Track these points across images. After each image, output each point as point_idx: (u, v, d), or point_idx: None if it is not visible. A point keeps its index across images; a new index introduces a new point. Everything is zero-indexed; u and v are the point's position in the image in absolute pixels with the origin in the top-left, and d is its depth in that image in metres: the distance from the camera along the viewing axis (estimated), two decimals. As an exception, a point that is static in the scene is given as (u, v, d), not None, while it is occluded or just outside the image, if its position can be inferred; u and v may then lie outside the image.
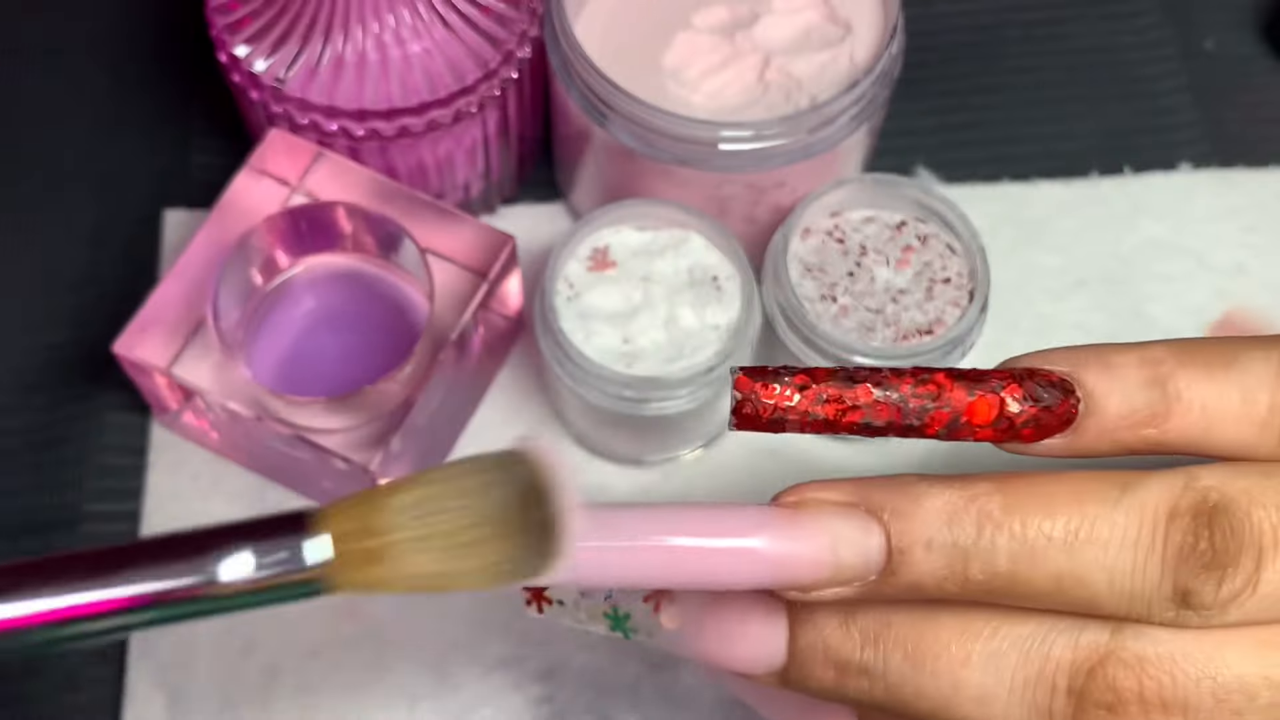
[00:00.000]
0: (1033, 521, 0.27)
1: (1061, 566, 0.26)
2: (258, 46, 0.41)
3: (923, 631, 0.28)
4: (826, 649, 0.28)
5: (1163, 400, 0.27)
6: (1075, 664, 0.27)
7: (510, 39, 0.42)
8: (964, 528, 0.27)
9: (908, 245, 0.42)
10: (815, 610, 0.28)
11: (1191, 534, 0.26)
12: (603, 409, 0.40)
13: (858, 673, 0.28)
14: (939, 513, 0.27)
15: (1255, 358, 0.28)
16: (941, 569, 0.27)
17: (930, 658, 0.27)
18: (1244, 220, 0.49)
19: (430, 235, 0.41)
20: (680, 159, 0.41)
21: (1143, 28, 0.53)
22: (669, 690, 0.41)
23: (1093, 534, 0.26)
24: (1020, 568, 0.26)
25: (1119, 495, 0.27)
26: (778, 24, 0.43)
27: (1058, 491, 0.27)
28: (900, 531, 0.27)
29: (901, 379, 0.27)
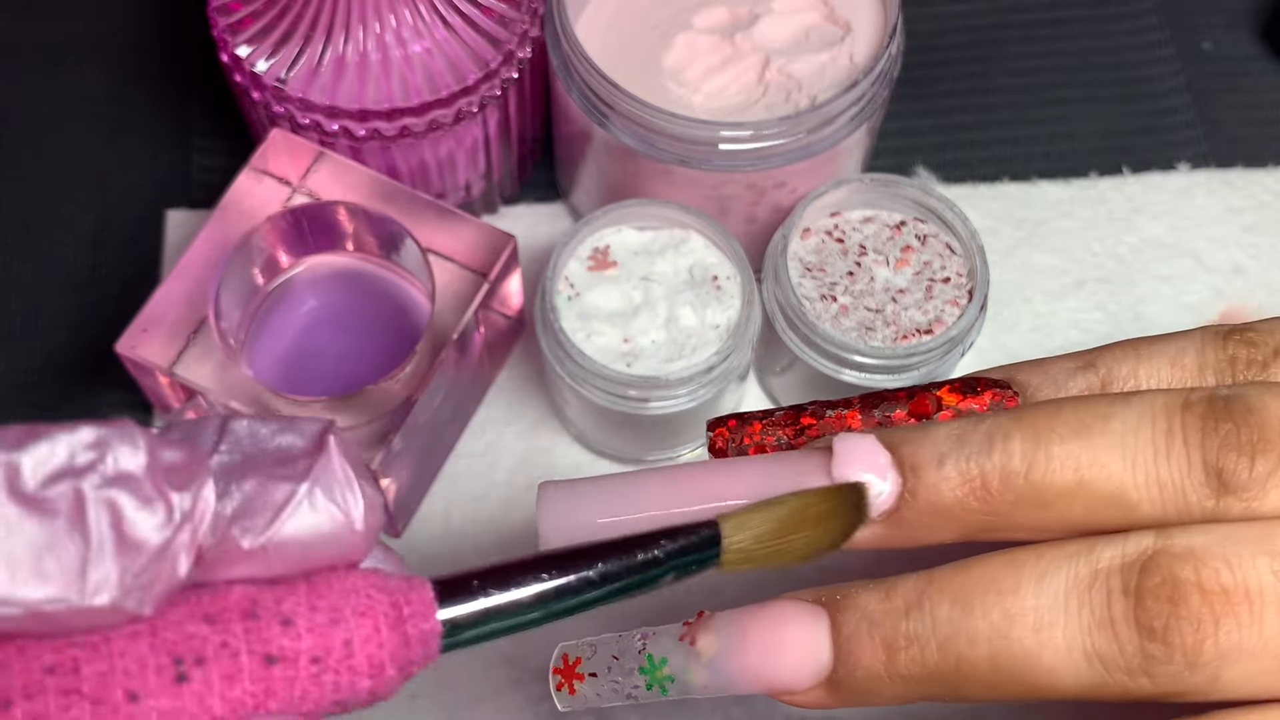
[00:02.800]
0: (1042, 424, 0.27)
1: (1080, 459, 0.26)
2: (259, 47, 0.41)
3: (967, 575, 0.27)
4: (871, 627, 0.27)
5: (1096, 380, 0.28)
6: (1126, 566, 0.26)
7: (511, 39, 0.42)
8: (974, 442, 0.27)
9: (907, 245, 0.42)
10: (855, 594, 0.28)
11: (1211, 418, 0.26)
12: (603, 408, 0.40)
13: (907, 643, 0.27)
14: (948, 433, 0.27)
15: (1175, 336, 0.29)
16: (958, 483, 0.27)
17: (978, 595, 0.27)
18: (1242, 220, 0.49)
19: (431, 235, 0.41)
20: (680, 159, 0.41)
21: (1141, 29, 0.53)
22: (669, 688, 0.41)
23: (1106, 427, 0.26)
24: (1038, 468, 0.26)
25: (1127, 398, 0.27)
26: (777, 24, 0.44)
27: (1065, 401, 0.27)
28: (911, 453, 0.27)
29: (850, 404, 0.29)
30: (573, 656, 0.30)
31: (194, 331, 0.39)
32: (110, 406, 0.44)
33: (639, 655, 0.29)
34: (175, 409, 0.42)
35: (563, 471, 0.44)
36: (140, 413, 0.44)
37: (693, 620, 0.29)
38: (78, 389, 0.45)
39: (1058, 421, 0.27)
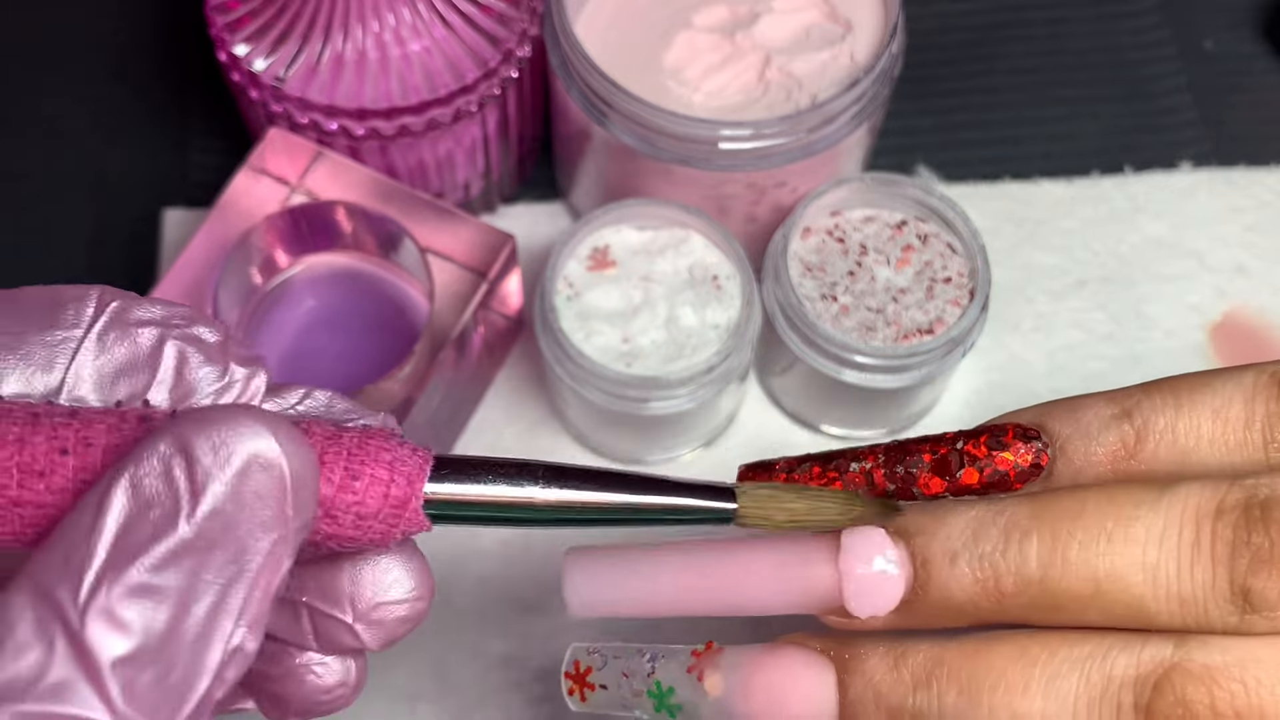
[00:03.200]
0: (1063, 526, 0.26)
1: (1097, 569, 0.25)
2: (257, 45, 0.41)
3: (976, 664, 0.27)
4: (878, 696, 0.27)
5: (1131, 431, 0.27)
6: (1140, 679, 0.25)
7: (510, 38, 0.42)
8: (990, 538, 0.26)
9: (908, 244, 0.42)
10: (864, 658, 0.28)
11: (1243, 529, 0.25)
12: (603, 408, 0.40)
13: (912, 717, 0.27)
14: (964, 526, 0.27)
15: (1222, 378, 0.27)
16: (970, 583, 0.26)
17: (986, 690, 0.26)
18: (1244, 220, 0.49)
19: (430, 234, 0.41)
20: (681, 158, 0.41)
21: (1143, 27, 0.53)
22: (669, 690, 0.41)
23: (1129, 534, 0.25)
24: (1053, 574, 0.26)
25: (1157, 496, 0.26)
26: (778, 23, 0.43)
27: (1089, 496, 0.26)
28: (924, 545, 0.27)
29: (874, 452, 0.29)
30: (583, 665, 0.31)
31: (192, 331, 0.39)
32: (108, 407, 0.44)
33: (647, 679, 0.29)
34: (173, 409, 0.42)
35: (562, 472, 0.44)
36: (138, 413, 0.44)
37: (701, 650, 0.29)
38: (75, 389, 0.45)
39: (1079, 524, 0.26)
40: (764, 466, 0.30)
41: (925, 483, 0.28)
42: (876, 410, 0.43)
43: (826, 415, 0.44)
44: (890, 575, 0.27)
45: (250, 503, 0.21)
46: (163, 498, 0.21)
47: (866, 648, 0.28)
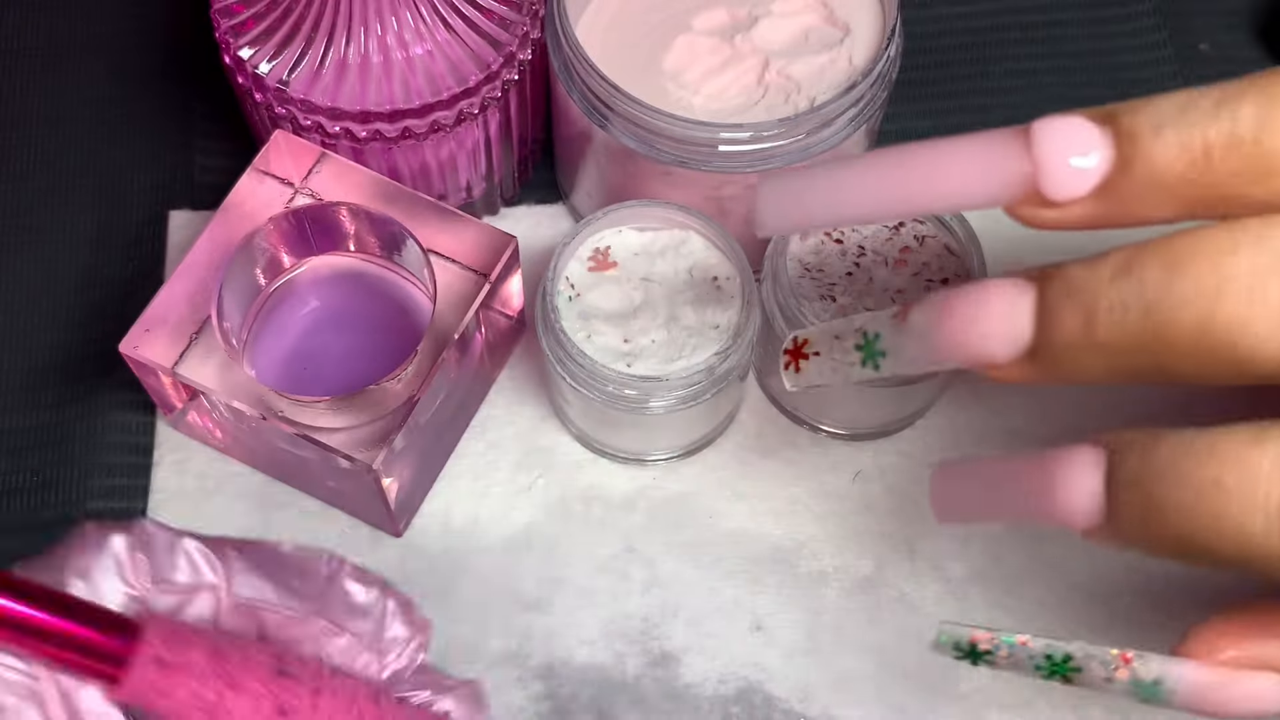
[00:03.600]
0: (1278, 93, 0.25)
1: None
2: (262, 49, 0.41)
3: (1182, 238, 0.25)
4: (1074, 293, 0.26)
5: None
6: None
7: (512, 41, 0.42)
8: (1201, 107, 0.25)
9: (905, 246, 0.42)
10: (1063, 267, 0.27)
11: None
12: (603, 408, 0.40)
13: (1109, 308, 0.25)
14: (1173, 102, 0.25)
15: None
16: (1177, 152, 0.25)
17: (1191, 257, 0.25)
18: (1239, 221, 0.49)
19: (433, 236, 0.41)
20: (680, 160, 0.41)
21: (1139, 30, 0.53)
22: (669, 686, 0.41)
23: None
24: (1268, 137, 0.24)
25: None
26: (777, 26, 0.44)
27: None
28: (1129, 121, 0.26)
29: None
30: (800, 338, 0.32)
31: (197, 332, 0.40)
32: (114, 407, 0.44)
33: (856, 333, 0.30)
34: (178, 409, 0.42)
35: (562, 470, 0.44)
36: (144, 413, 0.44)
37: (910, 301, 0.30)
38: (81, 389, 0.45)
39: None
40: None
41: None
42: (875, 409, 0.43)
43: (826, 414, 0.44)
44: (1090, 167, 0.26)
45: None
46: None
47: (1069, 261, 0.27)
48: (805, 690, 0.41)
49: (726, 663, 0.41)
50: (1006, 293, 0.28)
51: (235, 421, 0.41)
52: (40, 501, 0.43)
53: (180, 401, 0.42)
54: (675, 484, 0.44)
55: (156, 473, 0.44)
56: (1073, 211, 0.27)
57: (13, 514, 0.43)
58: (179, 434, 0.44)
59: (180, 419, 0.43)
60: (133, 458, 0.44)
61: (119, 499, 0.43)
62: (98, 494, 0.43)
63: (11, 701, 0.27)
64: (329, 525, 0.43)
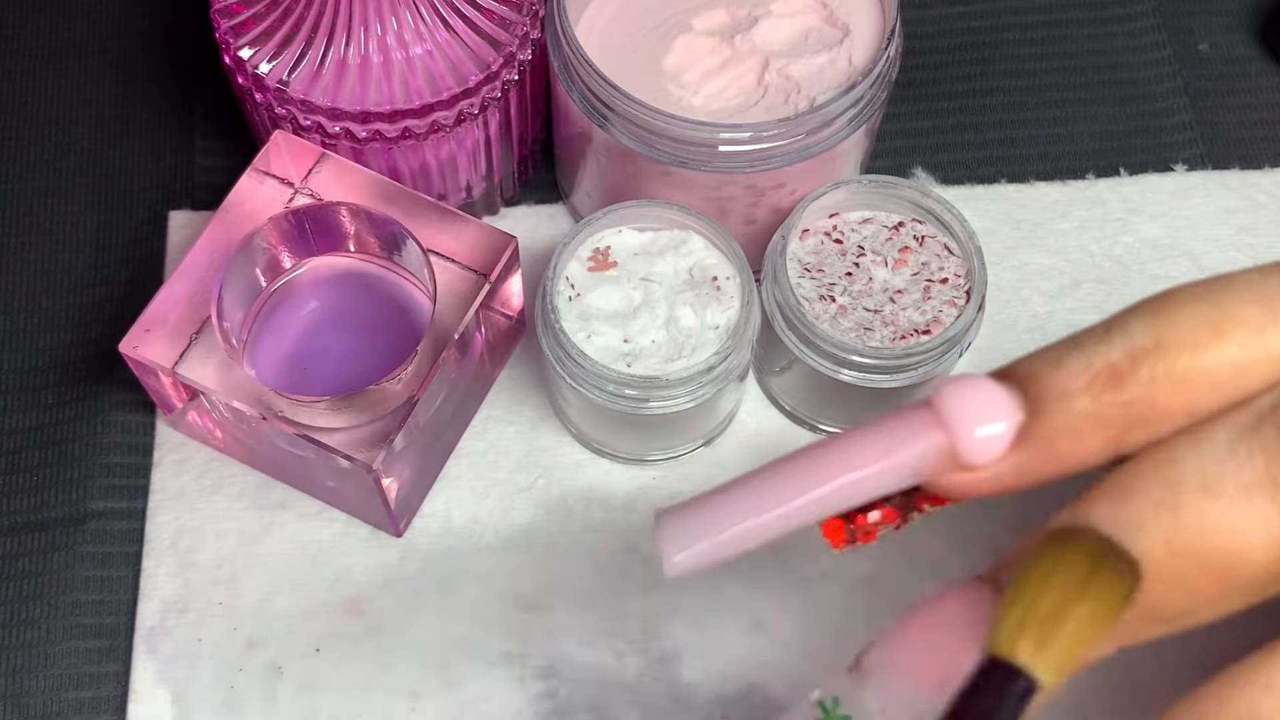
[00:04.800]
0: (1160, 300, 0.25)
1: (1208, 317, 0.24)
2: (262, 49, 0.41)
3: (1117, 476, 0.25)
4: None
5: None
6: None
7: (512, 41, 0.42)
8: (1091, 337, 0.26)
9: (905, 246, 0.42)
10: (1009, 553, 0.26)
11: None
12: (603, 408, 0.40)
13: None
14: (1060, 344, 0.26)
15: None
16: (1086, 382, 0.25)
17: (1135, 481, 0.24)
18: (1238, 221, 0.49)
19: (433, 236, 0.41)
20: (680, 160, 0.41)
21: (1138, 30, 0.53)
22: (670, 687, 0.41)
23: (1231, 283, 0.25)
24: (1165, 334, 0.24)
25: (1247, 270, 0.25)
26: (777, 27, 0.44)
27: (1181, 285, 0.26)
28: (1024, 367, 0.26)
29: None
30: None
31: (197, 332, 0.40)
32: (114, 407, 0.44)
33: (814, 707, 0.29)
34: (178, 409, 0.42)
35: (562, 470, 0.44)
36: (144, 413, 0.44)
37: (860, 651, 0.28)
38: (81, 389, 0.45)
39: (1177, 294, 0.25)
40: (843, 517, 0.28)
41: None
42: (874, 409, 0.43)
43: (825, 415, 0.44)
44: (999, 433, 0.25)
45: None
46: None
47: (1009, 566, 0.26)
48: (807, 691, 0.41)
49: (726, 663, 0.41)
50: (964, 608, 0.26)
51: (235, 421, 0.41)
52: (40, 501, 0.43)
53: (180, 401, 0.42)
54: (675, 484, 0.44)
55: (156, 473, 0.44)
56: (999, 469, 0.26)
57: (13, 513, 0.43)
58: (179, 434, 0.44)
59: (180, 419, 0.43)
60: (133, 458, 0.44)
61: (119, 499, 0.43)
62: (98, 494, 0.43)
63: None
64: (329, 525, 0.43)
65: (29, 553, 0.42)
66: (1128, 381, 0.25)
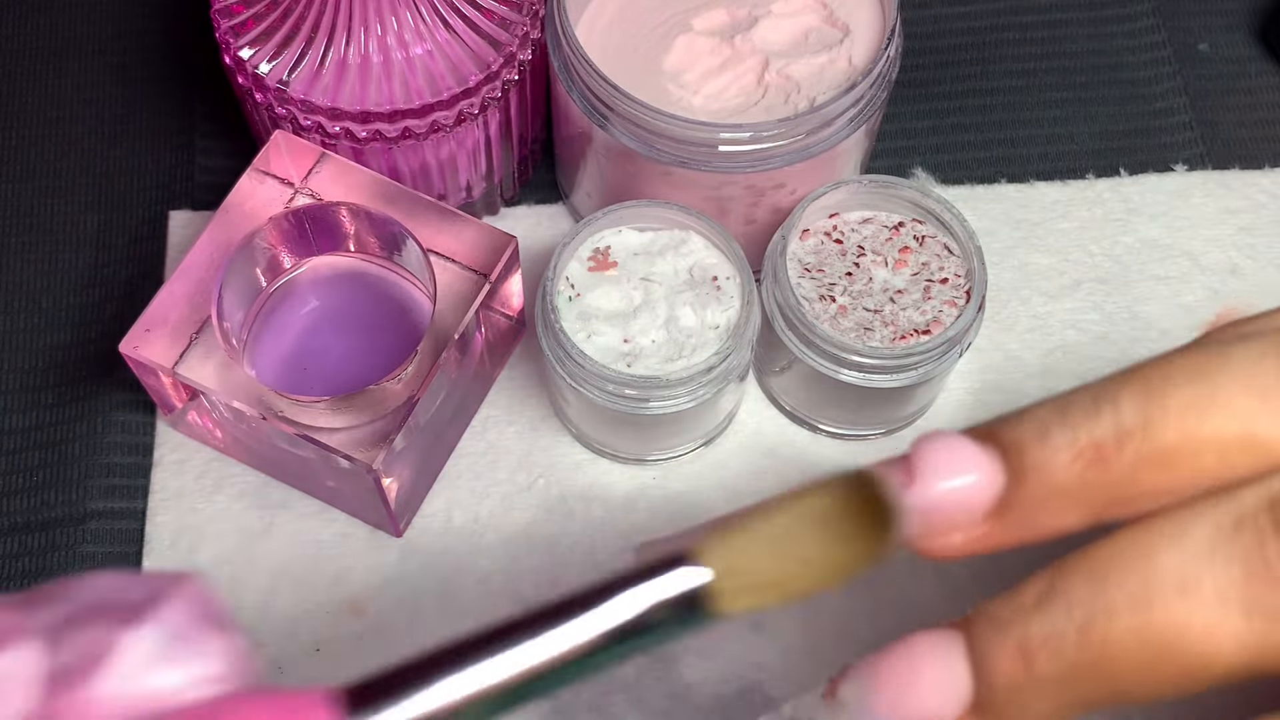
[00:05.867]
0: (1153, 378, 0.24)
1: (1199, 403, 0.23)
2: (262, 49, 0.41)
3: (1098, 551, 0.24)
4: (1002, 632, 0.25)
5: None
6: (1274, 500, 0.23)
7: (512, 41, 0.42)
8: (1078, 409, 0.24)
9: (905, 246, 0.42)
10: (984, 606, 0.26)
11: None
12: (603, 408, 0.40)
13: (1043, 639, 0.24)
14: (1049, 409, 0.25)
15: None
16: (1070, 459, 0.24)
17: (1113, 566, 0.24)
18: (1238, 221, 0.49)
19: (433, 236, 0.41)
20: (680, 160, 0.41)
21: (1138, 30, 0.53)
22: (670, 688, 0.41)
23: (1226, 365, 0.24)
24: (1155, 424, 0.24)
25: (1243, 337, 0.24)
26: (777, 27, 0.44)
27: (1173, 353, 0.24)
28: (1013, 438, 0.25)
29: None
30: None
31: (197, 332, 0.40)
32: (114, 407, 0.44)
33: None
34: (178, 409, 0.42)
35: (562, 470, 0.44)
36: (144, 413, 0.44)
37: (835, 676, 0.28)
38: (81, 389, 0.45)
39: (1170, 373, 0.24)
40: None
41: None
42: (874, 410, 0.43)
43: (825, 414, 0.44)
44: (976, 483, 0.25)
45: None
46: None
47: (984, 599, 0.26)
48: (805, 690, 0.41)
49: (726, 662, 0.41)
50: (935, 651, 0.26)
51: (235, 421, 0.41)
52: (40, 501, 0.43)
53: (180, 401, 0.42)
54: (675, 484, 0.44)
55: (156, 473, 0.44)
56: (978, 534, 0.26)
57: (14, 513, 0.43)
58: (179, 434, 0.44)
59: (180, 419, 0.43)
60: (133, 458, 0.44)
61: (119, 499, 0.43)
62: (98, 494, 0.43)
63: None
64: (329, 525, 0.43)
65: (29, 553, 0.42)
66: (1112, 463, 0.24)
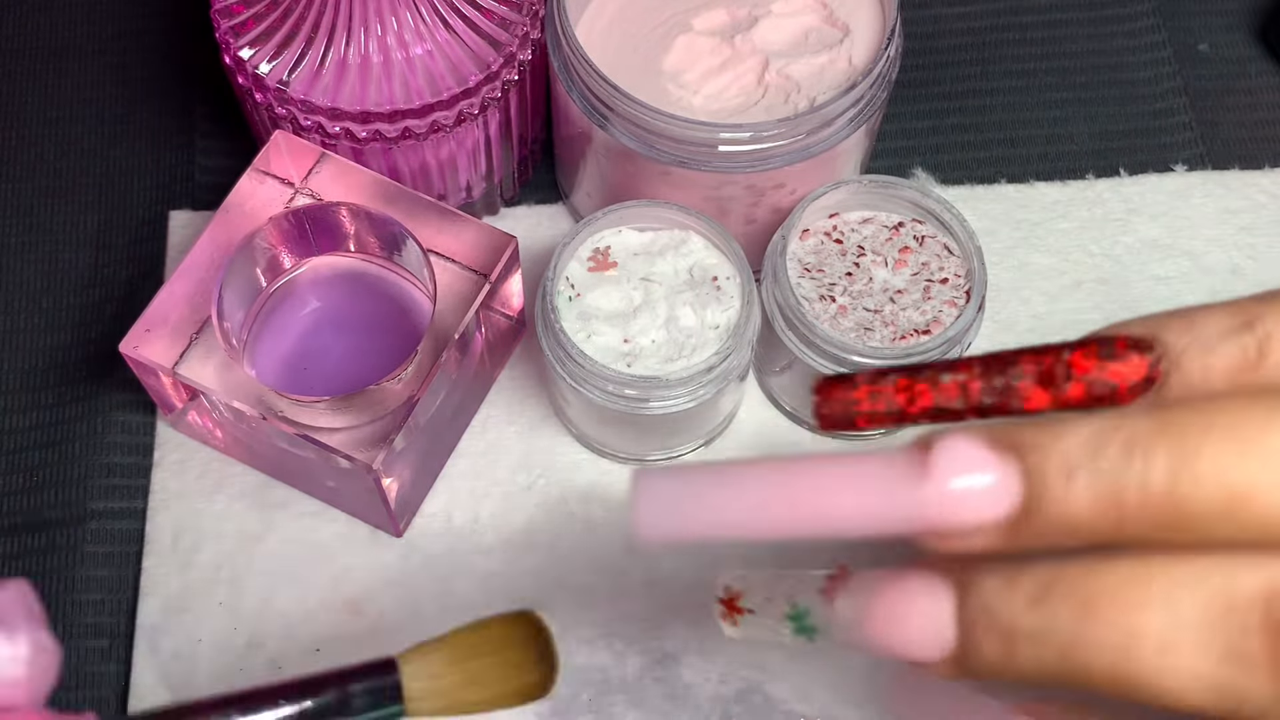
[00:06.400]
0: (1190, 438, 0.24)
1: (1231, 483, 0.23)
2: (262, 49, 0.41)
3: (1092, 580, 0.25)
4: (991, 616, 0.25)
5: (1254, 343, 0.25)
6: (1270, 596, 0.23)
7: (512, 41, 0.42)
8: (1109, 453, 0.24)
9: (905, 246, 0.42)
10: (981, 578, 0.26)
11: None
12: (603, 408, 0.40)
13: (1025, 639, 0.25)
14: (1082, 441, 0.24)
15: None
16: (1090, 500, 0.24)
17: (1103, 604, 0.24)
18: (1239, 222, 0.49)
19: (433, 236, 0.41)
20: (680, 160, 0.41)
21: (1138, 30, 0.53)
22: (669, 688, 0.41)
23: (1266, 445, 0.23)
24: (1182, 488, 0.23)
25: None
26: (777, 27, 0.44)
27: (1219, 408, 0.24)
28: (1039, 462, 0.25)
29: (970, 364, 0.26)
30: (732, 590, 0.30)
31: (197, 332, 0.40)
32: (114, 407, 0.44)
33: (786, 602, 0.29)
34: (178, 409, 0.42)
35: (561, 470, 0.44)
36: (144, 413, 0.44)
37: (836, 572, 0.29)
38: (81, 389, 0.45)
39: (1209, 437, 0.24)
40: (845, 379, 0.27)
41: (1027, 395, 0.26)
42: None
43: (825, 415, 0.44)
44: (990, 491, 0.25)
45: None
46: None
47: (984, 567, 0.26)
48: (805, 690, 0.41)
49: (726, 662, 0.41)
50: (927, 597, 0.26)
51: (235, 421, 0.41)
52: (40, 501, 0.43)
53: (180, 401, 0.42)
54: (675, 484, 0.44)
55: (156, 473, 0.44)
56: (980, 541, 0.26)
57: (14, 513, 0.43)
58: (179, 434, 0.44)
59: (180, 419, 0.43)
60: (133, 458, 0.44)
61: (119, 499, 0.43)
62: (98, 494, 0.43)
63: None
64: (329, 525, 0.43)
65: (29, 553, 0.42)
66: (1130, 516, 0.24)
